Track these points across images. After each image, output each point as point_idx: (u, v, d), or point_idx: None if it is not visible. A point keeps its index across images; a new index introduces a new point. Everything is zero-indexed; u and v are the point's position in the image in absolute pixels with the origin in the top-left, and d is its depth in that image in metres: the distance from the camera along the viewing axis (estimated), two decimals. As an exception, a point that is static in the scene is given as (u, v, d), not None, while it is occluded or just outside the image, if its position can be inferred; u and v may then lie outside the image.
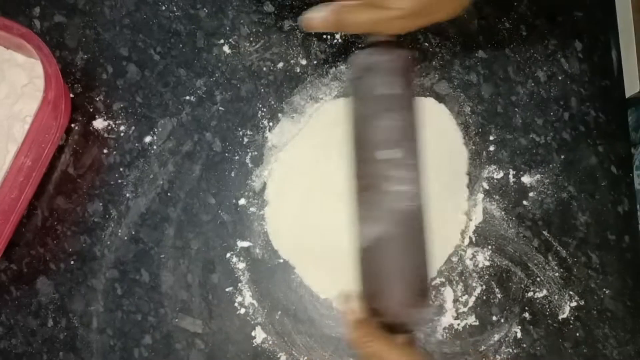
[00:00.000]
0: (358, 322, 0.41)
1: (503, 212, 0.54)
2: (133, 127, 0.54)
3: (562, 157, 0.55)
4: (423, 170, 0.43)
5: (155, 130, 0.54)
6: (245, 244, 0.52)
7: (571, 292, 0.53)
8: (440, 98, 0.55)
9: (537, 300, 0.52)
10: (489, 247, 0.53)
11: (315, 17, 0.42)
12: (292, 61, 0.55)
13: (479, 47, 0.56)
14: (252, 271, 0.52)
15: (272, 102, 0.54)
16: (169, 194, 0.53)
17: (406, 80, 0.44)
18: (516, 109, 0.55)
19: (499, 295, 0.52)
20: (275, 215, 0.52)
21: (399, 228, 0.41)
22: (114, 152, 0.53)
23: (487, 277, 0.52)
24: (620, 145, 0.56)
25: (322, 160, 0.53)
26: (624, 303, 0.53)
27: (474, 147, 0.55)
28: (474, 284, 0.52)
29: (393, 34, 0.43)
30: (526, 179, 0.54)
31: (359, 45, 0.54)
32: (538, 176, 0.54)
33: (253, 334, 0.51)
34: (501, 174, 0.54)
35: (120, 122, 0.54)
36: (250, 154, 0.54)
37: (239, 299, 0.51)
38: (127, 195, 0.53)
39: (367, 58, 0.44)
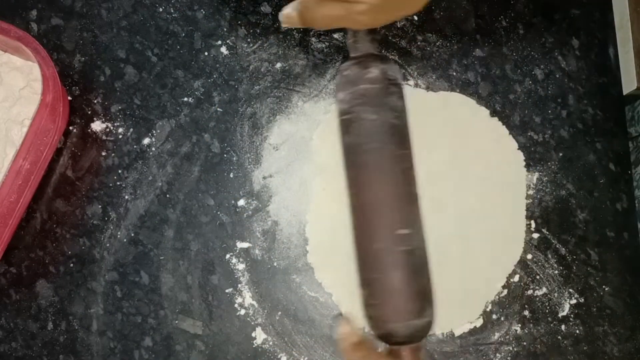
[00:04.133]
0: (354, 345, 0.42)
1: (502, 211, 0.54)
2: (131, 129, 0.54)
3: (561, 154, 0.55)
4: None
5: (154, 132, 0.54)
6: (245, 245, 0.52)
7: (571, 290, 0.53)
8: (438, 97, 0.55)
9: (537, 298, 0.52)
10: (489, 245, 0.53)
11: (287, 14, 0.42)
12: (290, 61, 0.55)
13: (477, 45, 0.56)
14: (252, 272, 0.52)
15: (270, 103, 0.54)
16: (167, 196, 0.53)
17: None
18: (514, 107, 0.55)
19: (498, 294, 0.52)
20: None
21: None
22: (113, 155, 0.53)
23: (486, 275, 0.53)
24: (619, 142, 0.56)
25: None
26: (624, 300, 0.53)
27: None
28: (473, 283, 0.52)
29: (360, 29, 0.43)
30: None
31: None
32: (537, 174, 0.54)
33: (253, 334, 0.51)
34: (500, 173, 0.54)
35: (118, 124, 0.54)
36: (248, 154, 0.54)
37: (239, 300, 0.51)
38: (126, 197, 0.53)
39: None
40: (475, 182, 0.53)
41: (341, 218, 0.52)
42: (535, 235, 0.53)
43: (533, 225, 0.53)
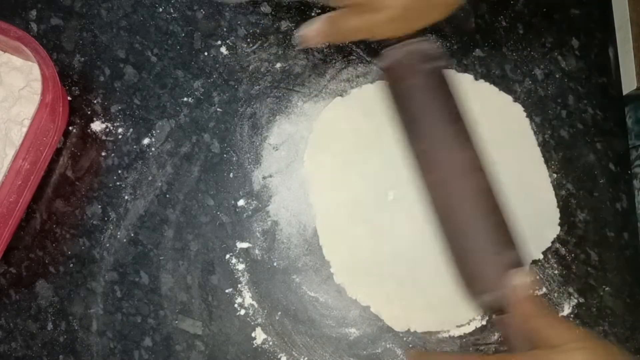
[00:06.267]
0: (530, 296, 0.40)
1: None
2: (131, 129, 0.54)
3: (561, 154, 0.55)
4: None
5: (153, 132, 0.54)
6: (245, 245, 0.52)
7: (570, 290, 0.53)
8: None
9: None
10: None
11: (309, 31, 0.42)
12: (290, 61, 0.55)
13: (476, 45, 0.56)
14: (252, 272, 0.52)
15: (270, 103, 0.54)
16: (167, 196, 0.53)
17: None
18: (514, 107, 0.55)
19: (498, 294, 0.52)
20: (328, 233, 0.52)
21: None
22: (112, 155, 0.53)
23: (486, 275, 0.52)
24: (618, 142, 0.56)
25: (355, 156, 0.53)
26: (624, 300, 0.53)
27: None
28: (473, 283, 0.52)
29: (389, 38, 0.43)
30: (525, 177, 0.54)
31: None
32: (536, 174, 0.54)
33: (253, 334, 0.51)
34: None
35: (118, 124, 0.54)
36: (248, 154, 0.54)
37: (239, 300, 0.51)
38: (126, 197, 0.53)
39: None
40: (488, 148, 0.52)
41: (354, 232, 0.52)
42: (535, 235, 0.53)
43: None
